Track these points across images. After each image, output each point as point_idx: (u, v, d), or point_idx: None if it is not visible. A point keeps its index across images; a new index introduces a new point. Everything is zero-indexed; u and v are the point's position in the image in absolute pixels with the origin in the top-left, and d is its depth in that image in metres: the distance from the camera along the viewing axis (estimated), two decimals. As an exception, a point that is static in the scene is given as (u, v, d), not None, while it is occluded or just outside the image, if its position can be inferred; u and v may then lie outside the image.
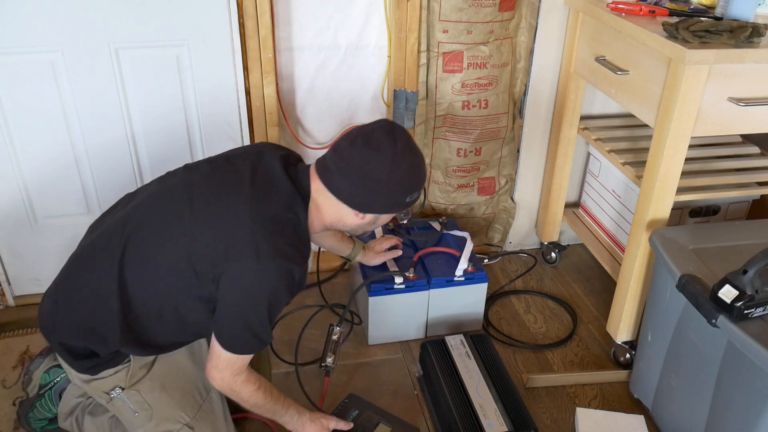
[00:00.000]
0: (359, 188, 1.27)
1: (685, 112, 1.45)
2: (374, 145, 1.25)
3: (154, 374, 1.33)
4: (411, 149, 1.30)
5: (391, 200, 1.30)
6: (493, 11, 1.87)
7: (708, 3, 1.71)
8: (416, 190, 1.33)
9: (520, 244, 2.38)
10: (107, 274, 1.24)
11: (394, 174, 1.26)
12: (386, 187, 1.27)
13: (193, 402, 1.36)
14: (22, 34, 1.67)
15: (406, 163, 1.28)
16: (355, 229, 1.38)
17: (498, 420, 1.50)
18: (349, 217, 1.32)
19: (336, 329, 1.70)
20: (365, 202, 1.29)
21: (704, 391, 1.39)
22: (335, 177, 1.28)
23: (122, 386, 1.31)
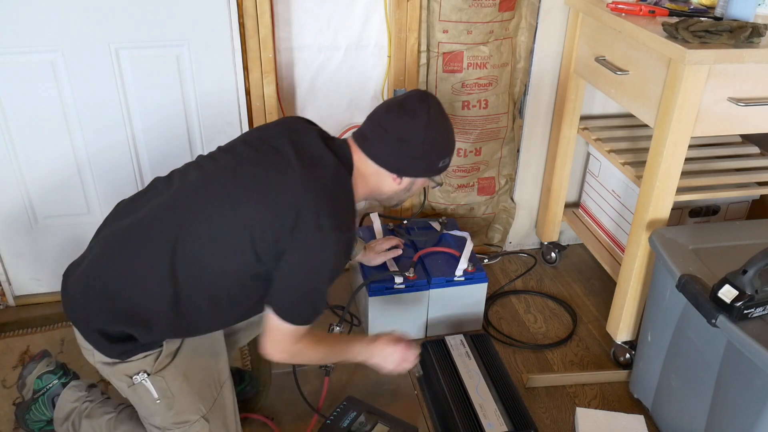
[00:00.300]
0: (397, 152, 1.34)
1: (684, 112, 1.45)
2: (409, 111, 1.33)
3: (178, 362, 1.32)
4: (443, 116, 1.38)
5: (427, 164, 1.38)
6: (493, 11, 1.87)
7: (708, 3, 1.71)
8: (448, 155, 1.40)
9: (520, 244, 2.38)
10: (158, 259, 1.23)
11: (429, 137, 1.33)
12: (422, 150, 1.34)
13: (209, 395, 1.36)
14: (22, 34, 1.67)
15: (439, 127, 1.36)
16: (390, 197, 1.44)
17: (498, 420, 1.50)
18: (387, 183, 1.38)
19: (336, 329, 1.70)
20: (403, 165, 1.36)
21: (704, 391, 1.39)
22: (374, 144, 1.35)
23: (148, 371, 1.30)
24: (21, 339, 1.86)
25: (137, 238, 1.27)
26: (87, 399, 1.48)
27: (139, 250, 1.26)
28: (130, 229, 1.29)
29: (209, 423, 1.34)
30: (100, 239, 1.33)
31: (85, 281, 1.28)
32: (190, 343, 1.35)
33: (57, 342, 1.85)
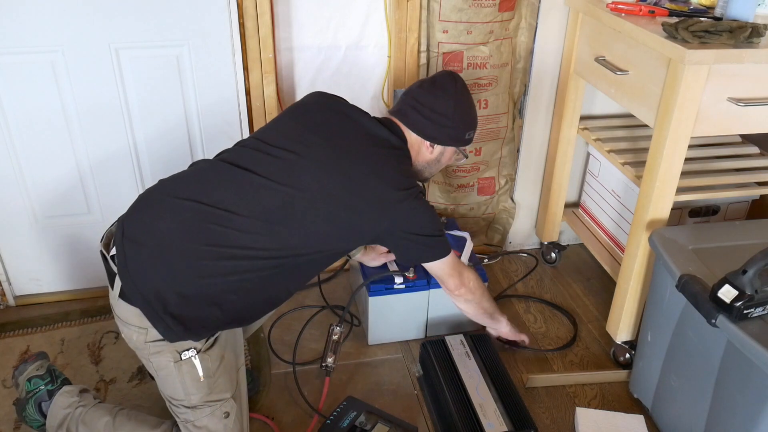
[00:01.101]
0: (431, 121, 1.53)
1: (684, 112, 1.45)
2: (439, 86, 1.55)
3: (220, 344, 1.38)
4: (468, 92, 1.58)
5: (456, 133, 1.57)
6: (493, 11, 1.87)
7: (707, 3, 1.71)
8: (473, 128, 1.60)
9: (520, 244, 2.38)
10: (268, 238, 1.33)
11: (458, 109, 1.54)
12: (452, 120, 1.54)
13: (235, 377, 1.42)
14: (22, 34, 1.67)
15: (466, 101, 1.57)
16: (425, 166, 1.61)
17: (498, 420, 1.50)
18: (423, 153, 1.57)
19: (336, 329, 1.70)
20: (436, 134, 1.55)
21: (704, 391, 1.39)
22: (411, 115, 1.54)
23: (198, 348, 1.34)
24: (21, 339, 1.86)
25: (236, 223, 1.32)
26: (80, 404, 1.47)
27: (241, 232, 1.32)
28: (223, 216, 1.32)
29: (236, 403, 1.40)
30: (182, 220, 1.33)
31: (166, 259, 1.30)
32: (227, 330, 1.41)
33: (57, 342, 1.85)
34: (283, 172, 1.36)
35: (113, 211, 1.80)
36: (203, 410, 1.36)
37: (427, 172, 1.64)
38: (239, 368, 1.46)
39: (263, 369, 1.79)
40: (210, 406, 1.36)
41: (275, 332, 1.92)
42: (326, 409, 1.62)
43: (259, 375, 1.75)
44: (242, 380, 1.47)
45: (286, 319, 1.96)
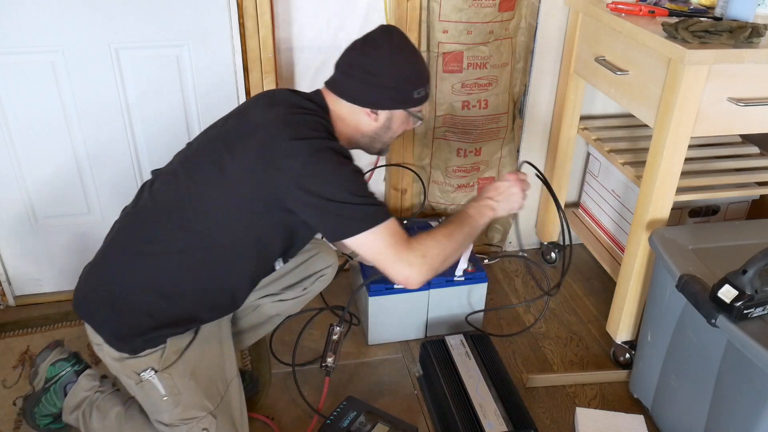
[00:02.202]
0: (365, 84, 1.32)
1: (684, 112, 1.45)
2: (371, 43, 1.33)
3: (187, 360, 1.34)
4: (408, 45, 1.36)
5: (400, 94, 1.34)
6: (492, 11, 1.87)
7: (707, 3, 1.71)
8: (422, 84, 1.36)
9: (520, 244, 2.38)
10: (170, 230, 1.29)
11: (395, 65, 1.32)
12: (390, 78, 1.32)
13: (216, 392, 1.37)
14: (22, 34, 1.67)
15: (406, 55, 1.34)
16: (372, 137, 1.40)
17: (498, 420, 1.51)
18: (364, 122, 1.36)
19: (336, 329, 1.70)
20: (375, 98, 1.34)
21: (704, 391, 1.39)
22: (342, 82, 1.35)
23: (155, 368, 1.31)
24: (21, 339, 1.86)
25: (147, 220, 1.32)
26: (99, 389, 1.50)
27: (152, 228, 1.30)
28: (138, 215, 1.34)
29: (216, 419, 1.35)
30: (112, 233, 1.37)
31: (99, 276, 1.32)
32: (199, 342, 1.37)
33: (57, 342, 1.85)
34: (182, 163, 1.35)
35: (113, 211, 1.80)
36: (180, 428, 1.33)
37: (379, 142, 1.42)
38: (229, 382, 1.41)
39: (263, 369, 1.79)
40: (186, 424, 1.33)
41: (275, 332, 1.92)
42: (326, 409, 1.62)
43: (259, 375, 1.75)
44: (233, 393, 1.42)
45: (286, 320, 1.96)
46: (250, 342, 1.67)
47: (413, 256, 1.23)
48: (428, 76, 1.41)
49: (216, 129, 1.35)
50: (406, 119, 1.40)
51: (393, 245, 1.23)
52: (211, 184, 1.27)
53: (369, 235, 1.21)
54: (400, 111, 1.37)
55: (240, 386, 1.45)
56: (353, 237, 1.22)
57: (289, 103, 1.31)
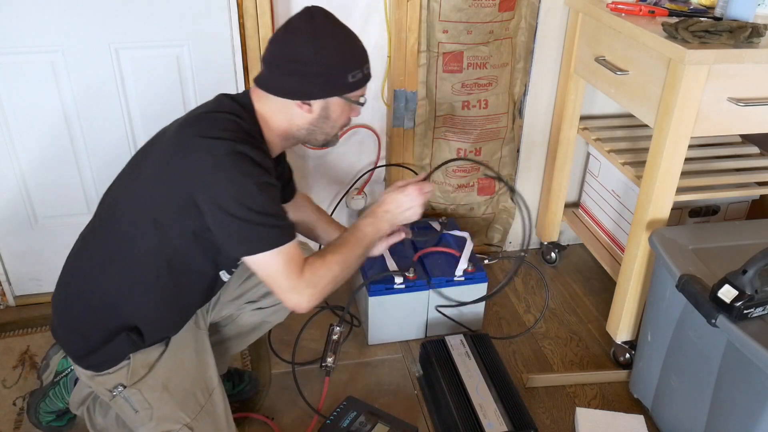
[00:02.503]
0: (292, 75, 1.22)
1: (684, 112, 1.45)
2: (293, 29, 1.22)
3: (157, 374, 1.32)
4: (334, 25, 1.25)
5: (331, 80, 1.23)
6: (492, 11, 1.87)
7: (707, 3, 1.71)
8: (356, 67, 1.25)
9: (520, 244, 2.38)
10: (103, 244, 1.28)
11: (320, 49, 1.20)
12: (317, 64, 1.20)
13: (195, 403, 1.35)
14: (22, 34, 1.67)
15: (332, 37, 1.23)
16: (311, 131, 1.29)
17: (498, 420, 1.51)
18: (298, 115, 1.26)
19: (336, 329, 1.70)
20: (303, 88, 1.23)
21: (704, 391, 1.39)
22: (268, 76, 1.25)
23: (124, 384, 1.30)
24: (21, 339, 1.86)
25: (87, 234, 1.33)
26: None
27: (90, 246, 1.31)
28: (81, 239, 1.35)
29: (193, 431, 1.33)
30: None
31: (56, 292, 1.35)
32: (171, 354, 1.35)
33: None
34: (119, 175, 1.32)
35: (113, 211, 1.80)
36: None
37: (320, 134, 1.32)
38: (211, 391, 1.37)
39: (263, 369, 1.79)
40: None
41: (275, 332, 1.91)
42: (326, 409, 1.62)
43: (259, 375, 1.75)
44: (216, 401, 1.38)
45: (285, 319, 1.96)
46: (238, 349, 1.64)
47: (304, 285, 1.21)
48: (364, 57, 1.28)
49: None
50: (347, 106, 1.29)
51: (286, 273, 1.19)
52: (129, 190, 1.26)
53: (262, 257, 1.17)
54: (335, 99, 1.26)
55: (223, 394, 1.41)
56: (257, 256, 1.17)
57: (209, 105, 1.25)
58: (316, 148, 2.05)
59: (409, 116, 2.00)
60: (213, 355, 1.42)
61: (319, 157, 2.06)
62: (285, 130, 1.28)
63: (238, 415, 1.62)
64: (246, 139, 1.18)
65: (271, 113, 1.26)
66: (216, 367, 1.41)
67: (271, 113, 1.26)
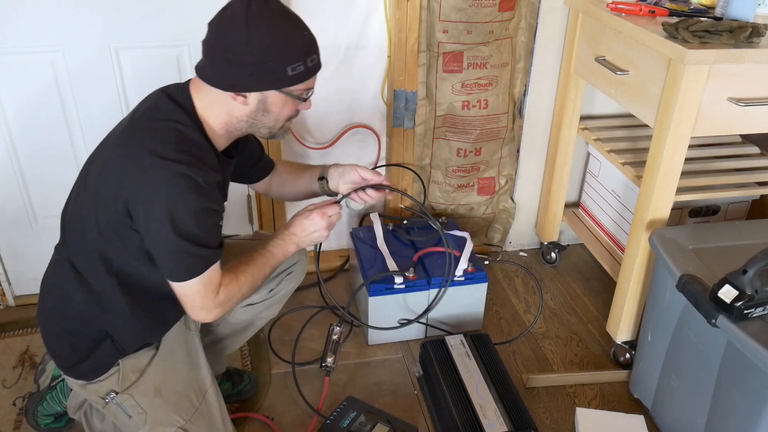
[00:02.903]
0: (226, 65, 1.14)
1: (684, 112, 1.45)
2: (228, 14, 1.14)
3: (148, 378, 1.32)
4: (274, 10, 1.15)
5: (267, 72, 1.14)
6: (492, 11, 1.87)
7: (708, 3, 1.71)
8: (296, 57, 1.15)
9: (520, 244, 2.38)
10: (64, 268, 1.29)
11: (255, 38, 1.11)
12: (250, 54, 1.12)
13: (189, 405, 1.34)
14: (22, 34, 1.67)
15: (269, 24, 1.13)
16: (250, 123, 1.22)
17: (498, 420, 1.50)
18: (235, 108, 1.19)
19: (336, 329, 1.70)
20: (237, 79, 1.15)
21: (704, 391, 1.39)
22: (205, 65, 1.18)
23: (116, 390, 1.30)
24: (21, 339, 1.86)
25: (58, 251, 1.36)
26: None
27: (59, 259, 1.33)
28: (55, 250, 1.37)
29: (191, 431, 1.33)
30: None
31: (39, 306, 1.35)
32: (162, 358, 1.34)
33: (57, 342, 1.85)
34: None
35: (113, 211, 1.80)
36: None
37: (262, 127, 1.24)
38: (205, 392, 1.37)
39: (263, 369, 1.79)
40: None
41: (275, 332, 1.92)
42: (326, 410, 1.62)
43: (259, 375, 1.75)
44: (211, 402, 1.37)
45: (286, 319, 1.96)
46: (234, 347, 1.64)
47: (215, 305, 1.22)
48: (308, 47, 1.18)
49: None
50: (286, 101, 1.20)
51: (202, 295, 1.20)
52: (77, 203, 1.25)
53: (183, 283, 1.18)
54: (273, 92, 1.17)
55: (218, 394, 1.40)
56: (178, 281, 1.18)
57: (148, 106, 1.20)
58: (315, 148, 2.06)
59: (409, 116, 2.00)
60: (205, 356, 1.42)
61: (319, 157, 2.06)
62: (227, 121, 1.22)
63: (238, 415, 1.62)
64: (188, 156, 1.13)
65: (210, 105, 1.20)
66: (209, 367, 1.41)
67: (210, 105, 1.20)
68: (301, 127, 2.01)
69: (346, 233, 2.19)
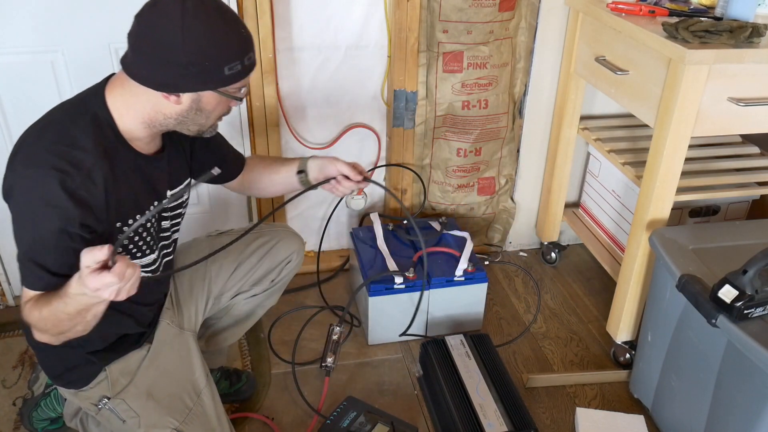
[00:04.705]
0: (159, 65, 1.07)
1: (684, 112, 1.45)
2: (160, 7, 1.06)
3: (139, 381, 1.31)
4: (208, 8, 1.07)
5: (202, 72, 1.08)
6: (493, 11, 1.87)
7: (708, 3, 1.71)
8: (233, 57, 1.10)
9: (520, 244, 2.38)
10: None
11: (191, 37, 1.04)
12: (185, 55, 1.05)
13: (182, 406, 1.33)
14: (22, 34, 1.67)
15: (204, 22, 1.05)
16: (180, 121, 1.16)
17: (498, 420, 1.50)
18: (165, 106, 1.12)
19: (336, 329, 1.70)
20: (169, 78, 1.08)
21: (704, 391, 1.39)
22: (131, 58, 1.10)
23: (108, 396, 1.29)
24: (21, 339, 1.86)
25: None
26: None
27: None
28: None
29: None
30: None
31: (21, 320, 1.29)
32: (151, 360, 1.34)
33: (57, 342, 1.85)
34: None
35: (113, 211, 1.80)
36: None
37: (192, 126, 1.18)
38: (200, 392, 1.35)
39: (263, 369, 1.79)
40: None
41: (275, 332, 1.92)
42: (326, 410, 1.62)
43: (258, 375, 1.75)
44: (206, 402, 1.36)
45: (286, 319, 1.96)
46: (235, 338, 1.65)
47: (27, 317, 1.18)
48: (245, 46, 1.12)
49: None
50: (220, 100, 1.15)
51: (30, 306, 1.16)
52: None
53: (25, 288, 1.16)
54: (209, 92, 1.12)
55: (213, 393, 1.38)
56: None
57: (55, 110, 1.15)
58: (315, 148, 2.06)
59: (409, 116, 2.00)
60: (200, 356, 1.41)
61: (319, 157, 2.06)
62: (153, 117, 1.14)
63: (238, 415, 1.62)
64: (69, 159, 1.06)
65: (132, 102, 1.13)
66: (205, 367, 1.40)
67: (132, 102, 1.13)
68: (301, 126, 2.01)
69: (346, 233, 2.20)
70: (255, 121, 1.91)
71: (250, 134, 1.94)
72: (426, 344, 1.75)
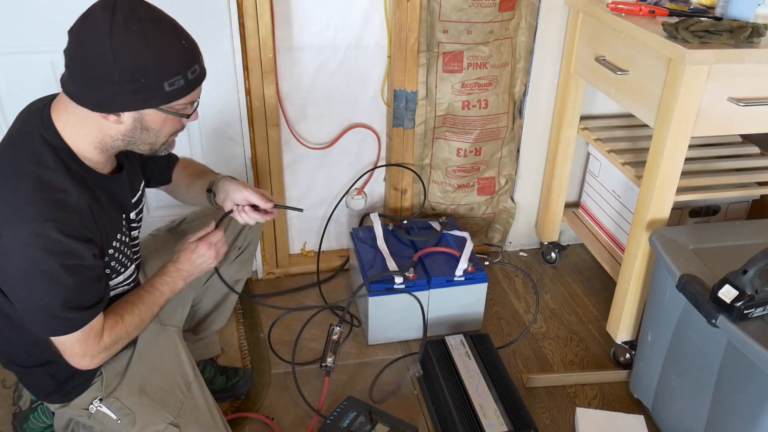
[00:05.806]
0: (90, 83, 1.00)
1: (684, 112, 1.45)
2: (89, 22, 0.98)
3: (130, 378, 1.30)
4: (141, 19, 0.98)
5: (138, 90, 1.01)
6: (492, 11, 1.87)
7: (708, 3, 1.71)
8: (173, 72, 1.02)
9: (520, 244, 2.38)
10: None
11: (122, 53, 0.97)
12: (117, 71, 0.98)
13: (175, 400, 1.33)
14: (22, 34, 1.67)
15: (136, 35, 0.97)
16: (128, 141, 1.10)
17: (498, 420, 1.50)
18: (108, 127, 1.06)
19: (336, 329, 1.70)
20: (103, 98, 1.01)
21: (704, 391, 1.39)
22: (66, 78, 1.04)
23: (100, 397, 1.28)
24: (21, 339, 1.86)
25: None
26: None
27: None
28: None
29: (179, 428, 1.30)
30: None
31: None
32: (139, 357, 1.33)
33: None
34: None
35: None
36: None
37: (143, 145, 1.12)
38: (189, 384, 1.34)
39: (263, 369, 1.79)
40: None
41: (275, 332, 1.92)
42: (326, 410, 1.62)
43: (258, 375, 1.75)
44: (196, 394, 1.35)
45: (286, 319, 1.96)
46: (222, 321, 1.66)
47: (99, 350, 1.14)
48: (187, 58, 1.04)
49: None
50: (166, 118, 1.08)
51: (82, 342, 1.11)
52: None
53: (66, 338, 1.09)
54: (151, 110, 1.05)
55: (202, 385, 1.37)
56: (54, 336, 1.10)
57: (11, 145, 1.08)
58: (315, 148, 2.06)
59: (409, 116, 2.00)
60: (186, 350, 1.40)
61: (319, 157, 2.06)
62: (101, 140, 1.09)
63: (238, 415, 1.62)
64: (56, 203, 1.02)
65: (79, 125, 1.07)
66: (191, 360, 1.39)
67: (79, 125, 1.07)
68: (301, 126, 2.01)
69: (346, 233, 2.20)
70: (255, 121, 1.91)
71: (251, 134, 1.94)
72: (426, 344, 1.75)
